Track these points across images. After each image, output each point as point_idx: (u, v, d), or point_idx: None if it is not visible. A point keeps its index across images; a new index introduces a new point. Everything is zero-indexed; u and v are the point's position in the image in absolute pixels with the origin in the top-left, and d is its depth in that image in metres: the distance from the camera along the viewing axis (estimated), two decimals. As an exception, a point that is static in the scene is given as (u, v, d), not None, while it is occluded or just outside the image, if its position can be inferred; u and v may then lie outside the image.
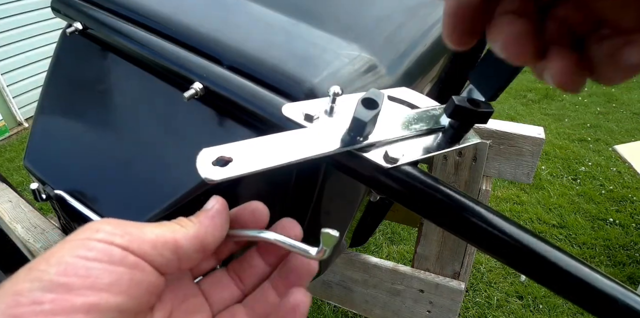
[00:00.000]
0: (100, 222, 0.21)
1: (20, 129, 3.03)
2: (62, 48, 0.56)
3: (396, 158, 0.28)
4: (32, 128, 0.54)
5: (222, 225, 0.24)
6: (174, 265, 0.22)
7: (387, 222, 1.94)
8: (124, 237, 0.20)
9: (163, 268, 0.21)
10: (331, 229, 0.23)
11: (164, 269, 0.22)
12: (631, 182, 2.33)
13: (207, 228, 0.23)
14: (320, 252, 0.24)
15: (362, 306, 1.15)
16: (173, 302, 0.24)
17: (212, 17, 0.45)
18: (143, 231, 0.21)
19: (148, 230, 0.21)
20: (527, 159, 0.90)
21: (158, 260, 0.21)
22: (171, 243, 0.21)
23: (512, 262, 0.25)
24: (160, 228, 0.22)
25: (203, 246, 0.23)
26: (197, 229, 0.23)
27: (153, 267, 0.21)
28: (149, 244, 0.21)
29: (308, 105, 0.32)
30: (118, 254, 0.20)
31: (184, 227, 0.23)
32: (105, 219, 0.22)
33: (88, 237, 0.20)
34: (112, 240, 0.20)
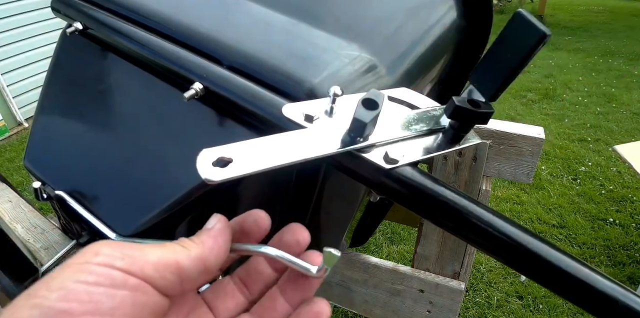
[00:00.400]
0: (99, 245, 0.21)
1: (20, 129, 3.03)
2: (62, 48, 0.56)
3: (396, 158, 0.28)
4: (32, 128, 0.54)
5: (225, 244, 0.24)
6: (176, 287, 0.22)
7: (387, 222, 1.94)
8: (125, 259, 0.20)
9: (166, 290, 0.21)
10: (334, 249, 0.23)
11: (167, 291, 0.21)
12: (631, 182, 2.33)
13: (210, 249, 0.23)
14: (322, 270, 0.23)
15: (362, 306, 1.15)
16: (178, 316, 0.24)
17: (212, 17, 0.45)
18: (144, 253, 0.21)
19: (149, 251, 0.21)
20: (527, 159, 0.90)
21: (160, 283, 0.21)
22: (173, 266, 0.21)
23: (512, 262, 0.25)
24: (162, 249, 0.22)
25: (206, 267, 0.23)
26: (200, 251, 0.22)
27: (156, 289, 0.21)
28: (151, 266, 0.20)
29: (308, 106, 0.31)
30: (119, 277, 0.19)
31: (186, 248, 0.22)
32: (105, 241, 0.21)
33: (87, 260, 0.20)
34: (112, 263, 0.20)
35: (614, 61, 4.38)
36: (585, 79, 3.97)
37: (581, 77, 4.00)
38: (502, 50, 0.30)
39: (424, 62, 0.49)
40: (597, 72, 4.13)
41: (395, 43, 0.47)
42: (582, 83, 3.87)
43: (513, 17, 0.29)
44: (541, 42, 0.27)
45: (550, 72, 4.14)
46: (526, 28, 0.28)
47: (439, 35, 0.53)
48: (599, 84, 3.81)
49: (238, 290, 0.27)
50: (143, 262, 0.20)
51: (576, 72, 4.16)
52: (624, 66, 4.24)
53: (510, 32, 0.29)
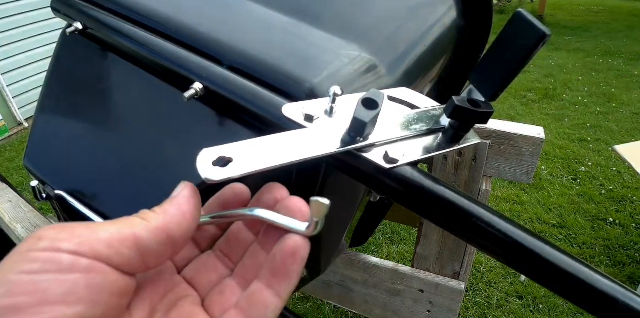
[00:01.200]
0: (43, 229, 0.19)
1: (20, 129, 3.03)
2: (62, 48, 0.56)
3: (396, 158, 0.28)
4: (32, 128, 0.54)
5: (192, 213, 0.22)
6: (137, 262, 0.20)
7: (387, 222, 1.94)
8: (72, 240, 0.18)
9: (126, 267, 0.19)
10: (321, 197, 0.21)
11: (128, 268, 0.20)
12: (631, 182, 2.33)
13: (173, 217, 0.21)
14: (312, 226, 0.22)
15: (362, 306, 1.15)
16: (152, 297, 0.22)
17: (212, 17, 0.45)
18: (95, 231, 0.19)
19: (101, 228, 0.19)
20: (527, 159, 0.90)
21: (117, 260, 0.19)
22: (130, 240, 0.19)
23: (512, 263, 0.25)
24: (117, 225, 0.20)
25: (170, 238, 0.21)
26: (160, 220, 0.21)
27: (112, 267, 0.19)
28: (102, 244, 0.19)
29: (308, 106, 0.32)
30: (67, 260, 0.18)
31: (145, 220, 0.21)
32: (50, 225, 0.20)
33: (29, 248, 0.18)
34: (58, 246, 0.18)
35: (614, 61, 4.38)
36: (585, 78, 3.97)
37: (581, 77, 4.00)
38: (502, 50, 0.30)
39: (424, 62, 0.49)
40: (597, 72, 4.13)
41: (395, 43, 0.47)
42: (582, 83, 3.87)
43: (513, 17, 0.29)
44: (541, 42, 0.27)
45: (550, 72, 4.14)
46: (526, 28, 0.28)
47: (439, 35, 0.53)
48: (599, 84, 3.81)
49: (220, 262, 0.25)
50: (93, 240, 0.19)
51: (576, 72, 4.16)
52: (624, 66, 4.24)
53: (510, 32, 0.29)
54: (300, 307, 1.60)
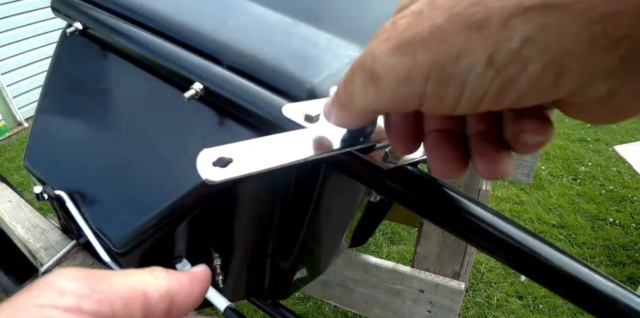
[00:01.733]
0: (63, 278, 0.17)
1: (20, 129, 3.03)
2: (62, 48, 0.56)
3: (396, 158, 0.28)
4: (32, 128, 0.54)
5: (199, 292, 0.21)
6: None
7: (387, 222, 1.94)
8: (93, 296, 0.17)
9: None
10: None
11: None
12: (631, 182, 2.33)
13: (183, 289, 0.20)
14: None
15: (362, 306, 1.15)
16: None
17: (212, 17, 0.45)
18: (112, 285, 0.18)
19: (117, 282, 0.18)
20: (527, 159, 0.90)
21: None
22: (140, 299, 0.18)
23: (512, 263, 0.25)
24: (130, 279, 0.19)
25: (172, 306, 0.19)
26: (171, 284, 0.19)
27: None
28: (120, 301, 0.18)
29: (308, 106, 0.31)
30: None
31: (157, 278, 0.19)
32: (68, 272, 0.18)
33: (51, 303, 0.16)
34: (80, 305, 0.17)
35: (614, 61, 4.37)
36: (585, 79, 3.96)
37: (581, 77, 3.99)
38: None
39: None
40: (597, 72, 4.13)
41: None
42: (582, 83, 3.86)
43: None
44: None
45: (550, 72, 4.14)
46: None
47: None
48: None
49: None
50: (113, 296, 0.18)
51: (576, 72, 4.15)
52: (624, 66, 4.23)
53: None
54: (300, 307, 1.60)
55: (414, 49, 0.15)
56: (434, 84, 0.16)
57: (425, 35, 0.15)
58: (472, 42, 0.14)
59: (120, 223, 0.42)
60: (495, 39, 0.14)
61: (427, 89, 0.16)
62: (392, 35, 0.16)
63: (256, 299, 0.83)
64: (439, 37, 0.15)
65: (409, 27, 0.16)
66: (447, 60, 0.15)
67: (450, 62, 0.15)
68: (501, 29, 0.13)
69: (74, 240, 0.52)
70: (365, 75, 0.18)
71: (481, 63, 0.14)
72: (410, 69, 0.16)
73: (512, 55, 0.14)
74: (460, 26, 0.14)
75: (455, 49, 0.14)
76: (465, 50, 0.14)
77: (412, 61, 0.16)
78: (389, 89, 0.17)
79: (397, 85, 0.17)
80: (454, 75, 0.15)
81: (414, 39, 0.15)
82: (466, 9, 0.14)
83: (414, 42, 0.15)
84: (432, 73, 0.15)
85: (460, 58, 0.15)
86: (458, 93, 0.16)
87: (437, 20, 0.15)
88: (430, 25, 0.15)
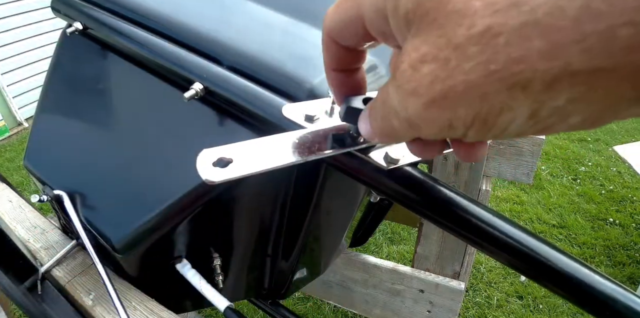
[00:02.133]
0: None
1: (20, 129, 3.03)
2: (62, 48, 0.56)
3: (396, 159, 0.28)
4: (32, 128, 0.54)
5: None
6: None
7: (387, 222, 1.94)
8: None
9: None
10: None
11: None
12: (631, 182, 2.33)
13: None
14: None
15: (362, 306, 1.15)
16: None
17: (212, 17, 0.45)
18: None
19: None
20: (527, 159, 0.90)
21: None
22: None
23: (512, 263, 0.25)
24: None
25: None
26: None
27: None
28: None
29: (308, 106, 0.31)
30: None
31: None
32: None
33: None
34: None
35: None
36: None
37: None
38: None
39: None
40: (597, 72, 4.13)
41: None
42: (582, 83, 3.86)
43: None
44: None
45: (550, 72, 4.14)
46: None
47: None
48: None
49: None
50: None
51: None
52: (624, 66, 4.23)
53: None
54: (300, 307, 1.60)
55: (451, 104, 0.15)
56: (476, 129, 0.16)
57: (460, 91, 0.14)
58: (515, 100, 0.14)
59: (120, 223, 0.42)
60: (540, 99, 0.13)
61: (469, 133, 0.16)
62: (421, 89, 0.15)
63: (256, 299, 0.83)
64: (478, 94, 0.14)
65: (437, 79, 0.15)
66: (490, 114, 0.15)
67: (493, 116, 0.15)
68: (547, 90, 0.13)
69: (74, 240, 0.52)
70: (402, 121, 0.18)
71: (523, 117, 0.14)
72: (451, 120, 0.16)
73: (556, 110, 0.14)
74: (501, 85, 0.14)
75: (497, 105, 0.14)
76: (508, 107, 0.14)
77: (452, 115, 0.15)
78: (431, 134, 0.17)
79: (439, 131, 0.17)
80: (495, 125, 0.15)
81: (448, 95, 0.15)
82: (506, 66, 0.13)
83: (449, 97, 0.15)
84: (475, 123, 0.15)
85: (502, 113, 0.14)
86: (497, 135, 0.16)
87: (472, 76, 0.14)
88: (465, 80, 0.14)
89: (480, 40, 0.13)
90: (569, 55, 0.12)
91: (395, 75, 0.16)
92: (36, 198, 0.46)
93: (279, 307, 0.83)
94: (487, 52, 0.13)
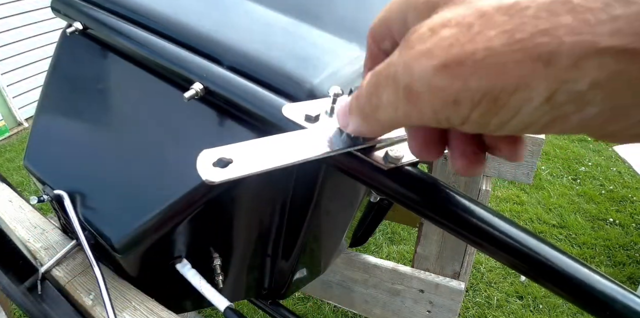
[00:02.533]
0: None
1: (20, 129, 3.03)
2: (62, 48, 0.56)
3: (396, 159, 0.28)
4: (32, 128, 0.54)
5: None
6: None
7: (387, 222, 1.94)
8: None
9: None
10: None
11: None
12: (631, 182, 2.33)
13: None
14: None
15: (362, 306, 1.15)
16: None
17: (212, 17, 0.45)
18: None
19: None
20: (527, 159, 0.90)
21: None
22: None
23: (512, 264, 0.25)
24: None
25: None
26: None
27: None
28: None
29: (308, 106, 0.31)
30: None
31: None
32: None
33: None
34: None
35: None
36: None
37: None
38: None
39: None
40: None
41: (395, 43, 0.47)
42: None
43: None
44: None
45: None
46: None
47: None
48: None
49: None
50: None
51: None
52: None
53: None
54: (300, 307, 1.60)
55: (465, 72, 0.14)
56: (482, 111, 0.14)
57: (479, 58, 0.13)
58: (535, 76, 0.13)
59: (120, 223, 0.42)
60: (562, 78, 0.13)
61: (473, 114, 0.15)
62: (436, 50, 0.14)
63: (256, 299, 0.83)
64: (497, 64, 0.13)
65: (456, 43, 0.14)
66: (503, 91, 0.13)
67: (506, 94, 0.14)
68: (571, 68, 0.12)
69: (74, 240, 0.52)
70: (399, 90, 0.16)
71: (539, 98, 0.13)
72: (459, 93, 0.14)
73: (575, 95, 0.13)
74: (524, 56, 0.13)
75: (514, 81, 0.13)
76: (525, 84, 0.13)
77: (461, 86, 0.14)
78: (429, 110, 0.16)
79: (441, 107, 0.15)
80: (505, 106, 0.14)
81: (465, 61, 0.14)
82: (532, 36, 0.12)
83: (465, 64, 0.14)
84: (483, 101, 0.14)
85: (518, 91, 0.13)
86: (504, 122, 0.15)
87: (495, 43, 0.13)
88: (486, 47, 0.13)
89: (508, 11, 0.13)
90: (597, 33, 0.12)
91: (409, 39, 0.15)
92: (35, 200, 0.46)
93: (279, 307, 0.83)
94: (514, 21, 0.13)
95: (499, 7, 0.13)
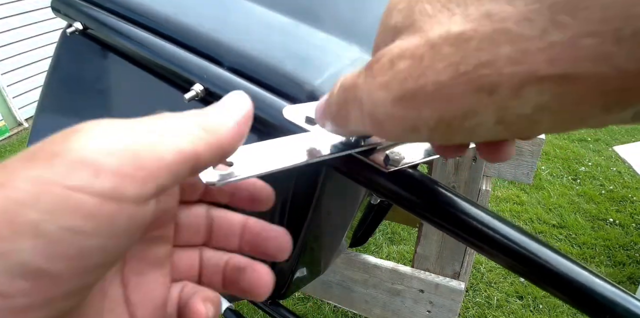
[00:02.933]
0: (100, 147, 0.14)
1: (20, 129, 3.03)
2: (62, 48, 0.56)
3: (397, 161, 0.28)
4: (32, 128, 0.54)
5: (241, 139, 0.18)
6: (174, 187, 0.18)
7: (387, 222, 1.94)
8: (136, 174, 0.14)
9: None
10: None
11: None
12: (631, 182, 2.33)
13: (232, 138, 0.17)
14: None
15: (362, 306, 1.15)
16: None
17: (213, 17, 0.45)
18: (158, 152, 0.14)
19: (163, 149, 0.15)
20: (527, 159, 0.90)
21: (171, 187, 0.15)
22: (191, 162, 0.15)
23: (511, 265, 0.25)
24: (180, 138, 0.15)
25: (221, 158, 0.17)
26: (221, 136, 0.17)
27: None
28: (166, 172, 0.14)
29: (309, 108, 0.31)
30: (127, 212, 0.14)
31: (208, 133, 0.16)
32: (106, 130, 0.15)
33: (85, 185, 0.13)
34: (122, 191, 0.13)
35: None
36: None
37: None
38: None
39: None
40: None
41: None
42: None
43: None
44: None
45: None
46: None
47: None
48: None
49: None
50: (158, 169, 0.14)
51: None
52: (624, 66, 4.23)
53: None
54: (300, 307, 1.60)
55: (418, 104, 0.15)
56: (440, 134, 0.16)
57: (429, 91, 0.14)
58: (481, 104, 0.14)
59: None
60: (505, 105, 0.13)
61: (433, 136, 0.16)
62: (392, 84, 0.15)
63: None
64: (446, 95, 0.14)
65: (409, 76, 0.15)
66: (454, 118, 0.15)
67: (458, 120, 0.15)
68: (513, 96, 0.13)
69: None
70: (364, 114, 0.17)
71: (490, 122, 0.14)
72: (415, 121, 0.16)
73: (523, 117, 0.14)
74: (468, 88, 0.14)
75: (462, 109, 0.14)
76: (472, 111, 0.14)
77: (417, 115, 0.15)
78: (393, 134, 0.17)
79: (402, 132, 0.16)
80: (460, 129, 0.15)
81: (417, 94, 0.15)
82: (475, 68, 0.13)
83: (417, 97, 0.15)
84: (438, 127, 0.15)
85: (467, 117, 0.14)
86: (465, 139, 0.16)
87: (442, 77, 0.14)
88: (435, 81, 0.14)
89: (455, 42, 0.14)
90: (535, 61, 0.12)
91: (373, 67, 0.17)
92: None
93: (279, 307, 0.83)
94: (459, 54, 0.14)
95: (446, 38, 0.14)
